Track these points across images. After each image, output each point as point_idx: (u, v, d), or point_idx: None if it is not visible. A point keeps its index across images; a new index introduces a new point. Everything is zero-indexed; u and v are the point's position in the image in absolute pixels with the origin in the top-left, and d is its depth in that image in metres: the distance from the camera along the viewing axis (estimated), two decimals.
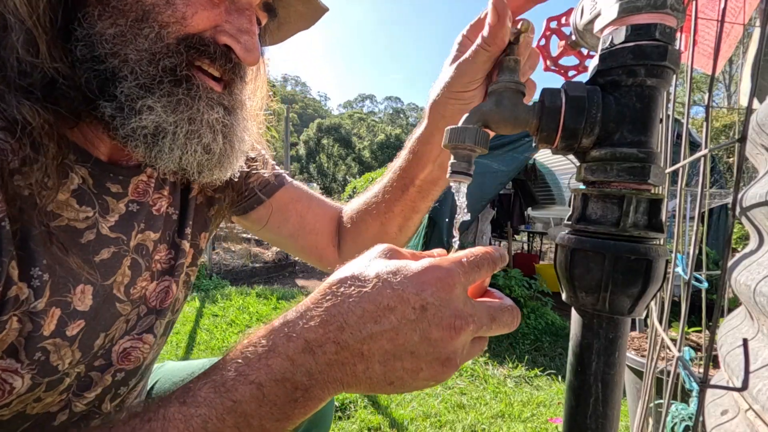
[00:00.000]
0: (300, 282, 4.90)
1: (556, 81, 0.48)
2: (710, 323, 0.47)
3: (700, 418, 0.41)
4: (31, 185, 0.38)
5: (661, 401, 0.72)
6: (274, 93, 0.67)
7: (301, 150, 46.17)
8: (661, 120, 0.60)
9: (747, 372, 0.34)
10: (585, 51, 0.52)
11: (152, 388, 0.74)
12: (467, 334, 0.31)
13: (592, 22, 0.41)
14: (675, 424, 0.81)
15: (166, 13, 0.40)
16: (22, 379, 0.42)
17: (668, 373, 0.61)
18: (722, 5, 0.50)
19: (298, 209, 0.71)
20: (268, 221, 0.70)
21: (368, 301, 0.30)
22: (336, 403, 1.85)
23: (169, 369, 0.79)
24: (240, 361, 0.31)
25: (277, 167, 0.73)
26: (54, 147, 0.39)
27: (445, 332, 0.30)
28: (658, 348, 0.75)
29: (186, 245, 0.62)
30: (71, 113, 0.42)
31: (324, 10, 0.56)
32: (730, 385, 0.50)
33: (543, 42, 0.53)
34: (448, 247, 0.40)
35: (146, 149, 0.43)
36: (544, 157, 6.22)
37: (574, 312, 0.40)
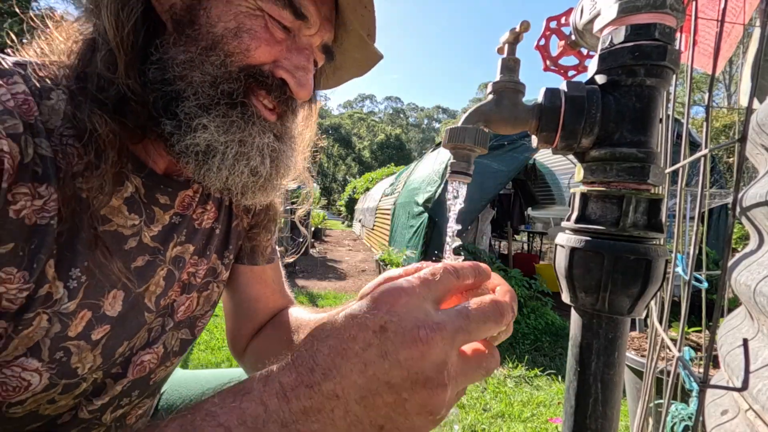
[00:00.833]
0: (300, 282, 4.89)
1: (556, 81, 0.48)
2: (710, 323, 0.47)
3: (700, 418, 0.41)
4: (89, 189, 0.41)
5: (661, 401, 0.72)
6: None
7: None
8: (661, 120, 0.60)
9: (747, 372, 0.34)
10: (585, 51, 0.52)
11: (160, 399, 0.74)
12: (439, 343, 0.28)
13: (591, 22, 0.41)
14: (675, 424, 0.81)
15: (232, 44, 0.44)
16: (39, 377, 0.43)
17: (668, 373, 0.61)
18: (722, 5, 0.50)
19: (261, 291, 0.71)
20: (236, 279, 0.70)
21: (334, 335, 0.29)
22: None
23: (176, 378, 0.78)
24: (216, 400, 0.29)
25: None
26: (114, 155, 0.42)
27: (412, 348, 0.27)
28: (658, 348, 0.75)
29: (224, 263, 0.64)
30: (137, 128, 0.45)
31: (379, 57, 0.57)
32: (730, 385, 0.50)
33: (543, 42, 0.53)
34: (447, 249, 0.40)
35: (196, 166, 0.45)
36: (544, 157, 6.22)
37: (573, 312, 0.40)
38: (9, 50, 0.45)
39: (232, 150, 0.45)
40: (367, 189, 12.19)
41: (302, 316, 0.67)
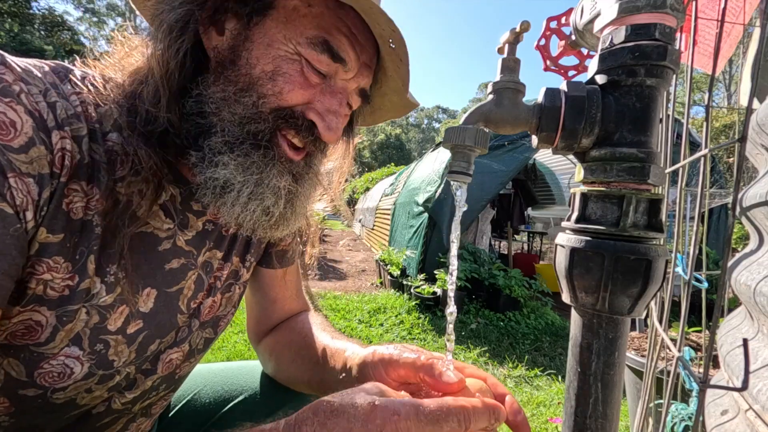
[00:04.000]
0: None
1: (556, 81, 0.48)
2: (710, 323, 0.47)
3: (700, 418, 0.41)
4: (129, 193, 0.44)
5: (661, 401, 0.72)
6: None
7: None
8: (661, 120, 0.60)
9: (747, 372, 0.34)
10: (585, 51, 0.52)
11: None
12: None
13: (591, 22, 0.41)
14: (675, 424, 0.81)
15: (267, 86, 0.46)
16: (81, 365, 0.47)
17: (668, 373, 0.61)
18: (722, 5, 0.50)
19: (279, 294, 0.75)
20: (258, 280, 0.73)
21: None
22: None
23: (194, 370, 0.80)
24: None
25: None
26: (157, 176, 0.46)
27: None
28: (658, 348, 0.75)
29: (245, 266, 0.66)
30: (173, 156, 0.48)
31: (414, 105, 0.60)
32: (730, 385, 0.50)
33: (543, 42, 0.53)
34: (448, 248, 0.40)
35: (212, 198, 0.47)
36: (544, 157, 6.22)
37: (574, 312, 0.40)
38: (77, 60, 0.48)
39: (247, 189, 0.47)
40: (367, 189, 12.20)
41: (315, 333, 0.68)
